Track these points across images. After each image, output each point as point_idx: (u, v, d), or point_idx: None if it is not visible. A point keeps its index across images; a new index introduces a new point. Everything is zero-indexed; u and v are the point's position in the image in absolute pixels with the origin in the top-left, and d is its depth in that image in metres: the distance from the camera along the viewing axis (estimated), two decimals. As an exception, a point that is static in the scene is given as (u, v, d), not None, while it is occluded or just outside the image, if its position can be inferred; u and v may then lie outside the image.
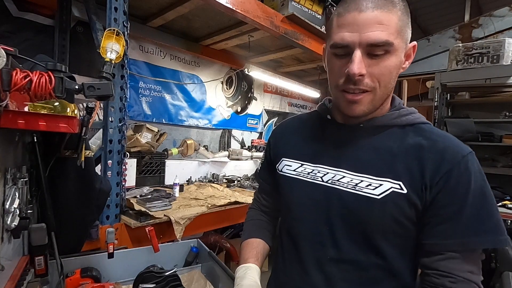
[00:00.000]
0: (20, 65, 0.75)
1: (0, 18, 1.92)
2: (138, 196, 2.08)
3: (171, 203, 1.95)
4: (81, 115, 0.87)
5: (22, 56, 0.69)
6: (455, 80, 2.79)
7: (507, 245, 0.57)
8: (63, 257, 1.01)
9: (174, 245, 1.42)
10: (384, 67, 0.58)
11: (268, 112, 4.30)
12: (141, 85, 2.76)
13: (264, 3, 2.25)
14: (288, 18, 2.34)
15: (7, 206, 0.73)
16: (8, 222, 0.73)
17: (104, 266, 1.17)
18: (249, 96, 3.89)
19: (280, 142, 0.83)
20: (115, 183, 1.59)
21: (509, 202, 2.42)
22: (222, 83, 3.54)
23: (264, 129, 4.23)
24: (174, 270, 1.11)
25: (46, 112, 0.72)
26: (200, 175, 3.10)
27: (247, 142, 3.95)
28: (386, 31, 0.56)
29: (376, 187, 0.61)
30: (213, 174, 3.16)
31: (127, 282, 1.19)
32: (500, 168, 2.63)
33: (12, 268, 0.80)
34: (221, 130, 3.65)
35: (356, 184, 0.63)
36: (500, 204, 2.39)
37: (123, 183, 1.68)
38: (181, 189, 2.44)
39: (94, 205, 1.23)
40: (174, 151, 2.82)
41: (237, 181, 3.14)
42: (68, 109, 0.75)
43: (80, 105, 2.03)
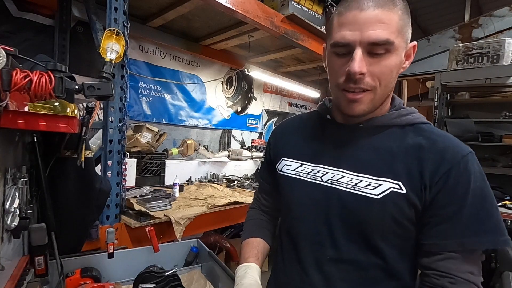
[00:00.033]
0: (20, 65, 0.75)
1: (0, 18, 1.92)
2: (138, 196, 2.08)
3: (171, 203, 1.95)
4: (81, 115, 0.87)
5: (22, 56, 0.69)
6: (455, 80, 2.79)
7: (508, 246, 0.57)
8: (63, 257, 1.01)
9: (174, 245, 1.42)
10: (385, 66, 0.58)
11: (268, 112, 4.30)
12: (141, 85, 2.76)
13: (264, 3, 2.25)
14: (288, 18, 2.34)
15: (7, 206, 0.73)
16: (8, 222, 0.73)
17: (104, 266, 1.17)
18: (249, 96, 3.89)
19: (280, 142, 0.83)
20: (115, 183, 1.60)
21: (509, 202, 2.42)
22: (222, 83, 3.54)
23: (264, 129, 4.23)
24: (174, 270, 1.11)
25: (46, 112, 0.72)
26: (200, 175, 3.10)
27: (247, 142, 3.95)
28: (387, 30, 0.56)
29: (376, 187, 0.61)
30: (213, 174, 3.16)
31: (127, 282, 1.19)
32: (500, 168, 2.63)
33: (12, 268, 0.80)
34: (221, 130, 3.65)
35: (356, 184, 0.63)
36: (500, 204, 2.39)
37: (123, 183, 1.68)
38: (181, 189, 2.44)
39: (94, 205, 1.23)
40: (174, 151, 2.82)
41: (237, 181, 3.14)
42: (68, 109, 0.75)
43: (80, 105, 2.03)
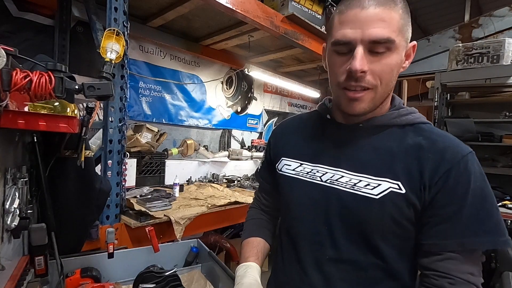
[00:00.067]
0: (20, 65, 0.75)
1: (0, 18, 1.92)
2: (138, 196, 2.08)
3: (171, 203, 1.95)
4: (81, 115, 0.87)
5: (22, 56, 0.69)
6: (455, 80, 2.79)
7: (508, 247, 0.57)
8: (63, 257, 1.01)
9: (174, 245, 1.42)
10: (386, 65, 0.58)
11: (268, 112, 4.30)
12: (141, 85, 2.76)
13: (264, 3, 2.25)
14: (288, 18, 2.34)
15: (7, 206, 0.73)
16: (8, 222, 0.73)
17: (104, 266, 1.17)
18: (249, 96, 3.89)
19: (280, 142, 0.83)
20: (115, 183, 1.60)
21: (509, 202, 2.42)
22: (222, 83, 3.54)
23: (264, 129, 4.23)
24: (174, 270, 1.11)
25: (46, 112, 0.72)
26: (200, 175, 3.10)
27: (247, 142, 3.95)
28: (388, 28, 0.56)
29: (375, 187, 0.61)
30: (213, 174, 3.16)
31: (127, 282, 1.19)
32: (500, 168, 2.63)
33: (12, 268, 0.80)
34: (221, 130, 3.65)
35: (355, 184, 0.63)
36: (500, 204, 2.39)
37: (123, 183, 1.68)
38: (181, 189, 2.44)
39: (94, 205, 1.23)
40: (174, 151, 2.82)
41: (237, 181, 3.14)
42: (68, 109, 0.75)
43: (80, 105, 2.03)
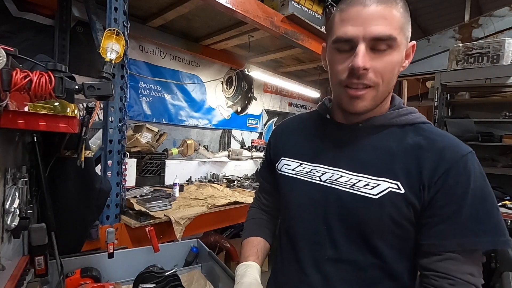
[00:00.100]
0: (20, 65, 0.75)
1: (0, 18, 1.92)
2: (138, 196, 2.08)
3: (171, 203, 1.95)
4: (81, 115, 0.87)
5: (22, 56, 0.69)
6: (455, 80, 2.79)
7: (508, 247, 0.56)
8: (63, 257, 1.01)
9: (174, 245, 1.42)
10: (387, 62, 0.58)
11: (268, 112, 4.30)
12: (141, 85, 2.76)
13: (264, 3, 2.25)
14: (288, 18, 2.34)
15: (7, 206, 0.73)
16: (8, 222, 0.73)
17: (104, 266, 1.17)
18: (249, 96, 3.89)
19: (280, 142, 0.83)
20: (115, 183, 1.60)
21: (509, 202, 2.42)
22: (222, 83, 3.54)
23: (264, 129, 4.23)
24: (174, 270, 1.11)
25: (46, 112, 0.72)
26: (200, 175, 3.10)
27: (247, 142, 3.95)
28: (390, 26, 0.56)
29: (374, 187, 0.61)
30: (213, 174, 3.16)
31: (127, 282, 1.19)
32: (500, 168, 2.63)
33: (12, 268, 0.80)
34: (221, 130, 3.65)
35: (354, 184, 0.63)
36: (500, 204, 2.39)
37: (123, 183, 1.68)
38: (181, 189, 2.44)
39: (94, 205, 1.23)
40: (174, 151, 2.82)
41: (237, 181, 3.14)
42: (68, 109, 0.75)
43: (80, 105, 2.03)
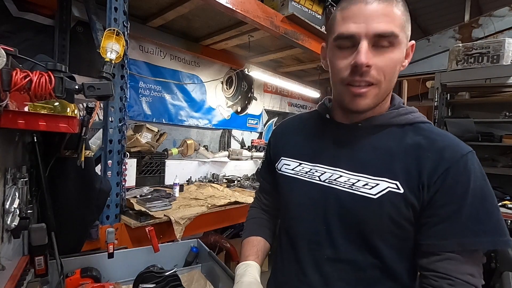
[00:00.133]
0: (20, 65, 0.75)
1: (0, 18, 1.92)
2: (138, 196, 2.08)
3: (171, 203, 1.95)
4: (81, 115, 0.87)
5: (22, 56, 0.69)
6: (455, 80, 2.79)
7: (508, 247, 0.56)
8: (63, 257, 1.01)
9: (174, 245, 1.42)
10: (389, 60, 0.58)
11: (268, 112, 4.30)
12: (141, 85, 2.76)
13: (264, 3, 2.25)
14: (288, 18, 2.34)
15: (7, 206, 0.73)
16: (8, 222, 0.73)
17: (104, 266, 1.17)
18: (249, 96, 3.89)
19: (280, 142, 0.83)
20: (115, 183, 1.60)
21: (509, 202, 2.42)
22: (222, 83, 3.54)
23: (264, 129, 4.23)
24: (174, 270, 1.11)
25: (46, 112, 0.72)
26: (200, 175, 3.10)
27: (247, 142, 3.95)
28: (392, 23, 0.57)
29: (373, 187, 0.61)
30: (213, 174, 3.16)
31: (127, 282, 1.19)
32: (500, 168, 2.63)
33: (12, 268, 0.80)
34: (221, 130, 3.65)
35: (353, 184, 0.63)
36: (500, 204, 2.39)
37: (123, 183, 1.68)
38: (181, 189, 2.44)
39: (94, 205, 1.23)
40: (174, 151, 2.82)
41: (237, 181, 3.14)
42: (68, 109, 0.75)
43: (80, 105, 2.03)
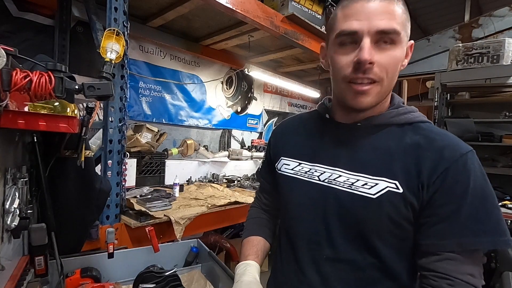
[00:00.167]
0: (20, 65, 0.75)
1: (0, 18, 1.92)
2: (138, 196, 2.08)
3: (171, 203, 1.95)
4: (81, 115, 0.87)
5: (22, 56, 0.69)
6: (455, 80, 2.79)
7: (509, 247, 0.55)
8: (63, 257, 1.01)
9: (174, 245, 1.42)
10: (391, 57, 0.58)
11: (268, 112, 4.30)
12: (141, 85, 2.76)
13: (264, 3, 2.25)
14: (288, 18, 2.34)
15: (7, 206, 0.73)
16: (8, 222, 0.73)
17: (104, 266, 1.17)
18: (249, 96, 3.89)
19: (280, 142, 0.84)
20: (115, 183, 1.60)
21: (509, 202, 2.42)
22: (222, 83, 3.54)
23: (264, 129, 4.23)
24: (174, 270, 1.11)
25: (46, 112, 0.72)
26: (200, 175, 3.10)
27: (247, 142, 3.95)
28: (394, 21, 0.57)
29: (372, 186, 0.61)
30: (213, 174, 3.16)
31: (127, 282, 1.19)
32: (500, 168, 2.63)
33: (12, 268, 0.80)
34: (221, 130, 3.65)
35: (352, 184, 0.63)
36: (500, 204, 2.38)
37: (123, 183, 1.68)
38: (181, 189, 2.44)
39: (94, 205, 1.23)
40: (174, 151, 2.82)
41: (237, 181, 3.14)
42: (68, 109, 0.75)
43: (80, 105, 2.03)
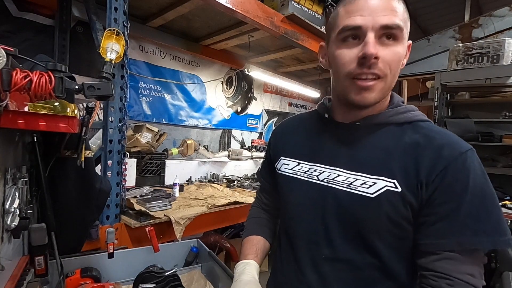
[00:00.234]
0: (20, 65, 0.75)
1: (0, 18, 1.92)
2: (138, 196, 2.08)
3: (171, 203, 1.95)
4: (81, 115, 0.87)
5: (22, 56, 0.69)
6: (455, 80, 2.79)
7: (509, 247, 0.55)
8: (63, 257, 1.01)
9: (174, 245, 1.42)
10: (395, 53, 0.59)
11: (268, 112, 4.30)
12: (141, 85, 2.76)
13: (264, 3, 2.25)
14: (288, 18, 2.34)
15: (7, 206, 0.73)
16: (8, 222, 0.73)
17: (104, 266, 1.17)
18: (249, 96, 3.89)
19: (280, 142, 0.84)
20: (115, 183, 1.60)
21: (509, 202, 2.42)
22: (222, 83, 3.54)
23: (264, 129, 4.23)
24: (174, 270, 1.11)
25: (46, 112, 0.72)
26: (200, 175, 3.10)
27: (247, 142, 3.95)
28: (397, 17, 0.58)
29: (370, 186, 0.60)
30: (213, 174, 3.16)
31: (127, 282, 1.19)
32: (500, 168, 2.63)
33: (12, 268, 0.80)
34: (221, 130, 3.65)
35: (351, 183, 0.63)
36: (500, 204, 2.38)
37: (123, 183, 1.68)
38: (181, 189, 2.44)
39: (94, 205, 1.23)
40: (174, 151, 2.82)
41: (237, 181, 3.14)
42: (68, 109, 0.76)
43: (80, 105, 2.03)
